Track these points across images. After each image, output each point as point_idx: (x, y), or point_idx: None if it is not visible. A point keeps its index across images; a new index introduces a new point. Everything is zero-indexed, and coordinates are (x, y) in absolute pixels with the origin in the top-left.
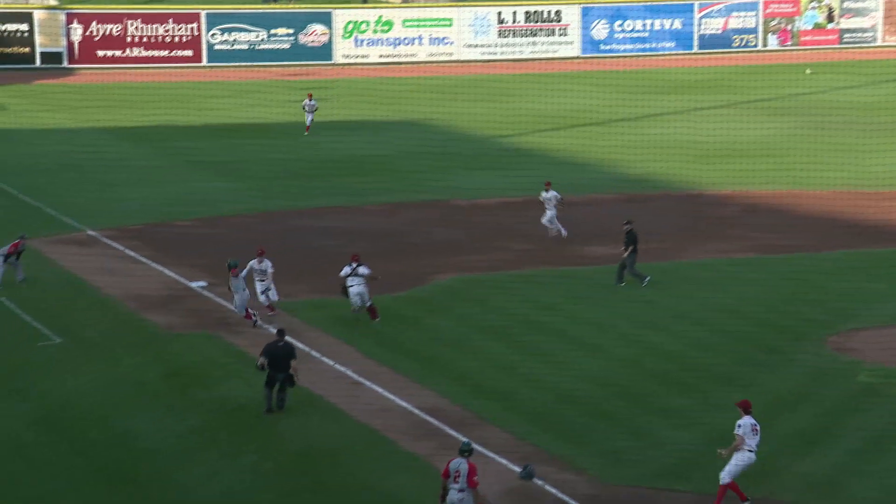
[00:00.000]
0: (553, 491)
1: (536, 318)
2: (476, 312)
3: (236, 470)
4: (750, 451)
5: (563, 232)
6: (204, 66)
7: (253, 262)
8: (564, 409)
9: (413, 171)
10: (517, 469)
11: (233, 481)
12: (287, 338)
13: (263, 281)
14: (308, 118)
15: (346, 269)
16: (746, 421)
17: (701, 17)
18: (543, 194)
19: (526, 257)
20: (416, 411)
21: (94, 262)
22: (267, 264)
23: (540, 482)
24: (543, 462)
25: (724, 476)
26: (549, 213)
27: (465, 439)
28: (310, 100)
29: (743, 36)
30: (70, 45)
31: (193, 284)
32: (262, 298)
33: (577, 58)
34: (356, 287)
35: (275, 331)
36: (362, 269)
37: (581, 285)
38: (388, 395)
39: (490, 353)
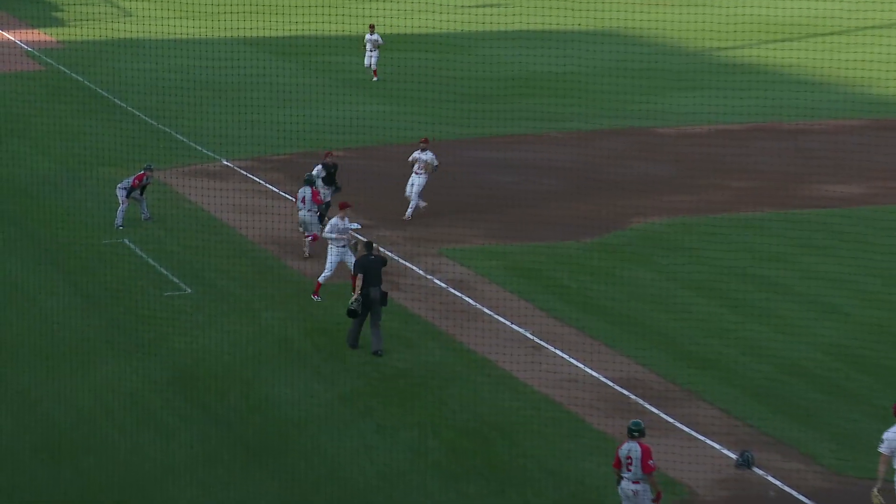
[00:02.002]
0: (776, 482)
1: (758, 270)
2: (683, 263)
3: (394, 446)
4: None
5: (422, 204)
6: None
7: (335, 220)
8: (791, 382)
9: (609, 93)
10: (732, 455)
11: (390, 460)
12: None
13: (342, 239)
14: (371, 58)
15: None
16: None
17: None
18: (417, 154)
19: (746, 197)
20: (609, 382)
21: (230, 198)
22: (350, 225)
23: (760, 472)
24: (764, 447)
25: None
26: (418, 180)
27: (635, 420)
28: (371, 33)
29: None
30: None
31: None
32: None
33: None
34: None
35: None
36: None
37: (814, 232)
38: (575, 361)
39: (699, 313)
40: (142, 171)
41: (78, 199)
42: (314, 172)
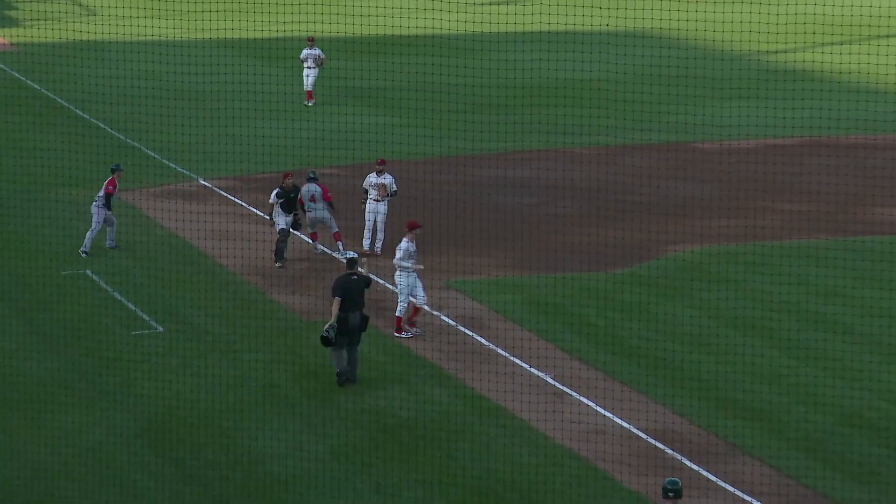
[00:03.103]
0: None
1: (812, 306)
2: (727, 298)
3: None
4: None
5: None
6: None
7: (406, 244)
8: (851, 435)
9: (640, 102)
10: None
11: None
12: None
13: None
14: (308, 78)
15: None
16: None
17: None
18: (373, 178)
19: (799, 222)
20: (641, 434)
21: (208, 223)
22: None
23: None
24: None
25: None
26: (382, 208)
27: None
28: (311, 47)
29: None
30: None
31: (339, 254)
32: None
33: None
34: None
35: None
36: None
37: (877, 263)
38: (602, 410)
39: (746, 356)
40: (111, 176)
41: (32, 224)
42: (271, 199)
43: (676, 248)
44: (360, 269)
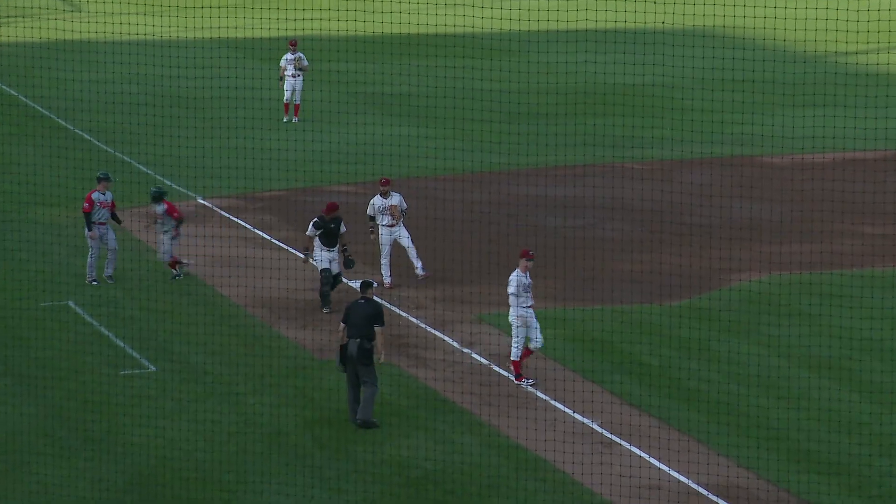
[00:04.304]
0: None
1: None
2: (800, 334)
3: None
4: None
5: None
6: None
7: (519, 275)
8: None
9: (701, 111)
10: None
11: None
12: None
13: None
14: (287, 89)
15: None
16: None
17: None
18: (380, 201)
19: (883, 247)
20: (702, 490)
21: (207, 248)
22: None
23: None
24: None
25: None
26: (405, 231)
27: None
28: (293, 51)
29: None
30: None
31: (354, 283)
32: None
33: None
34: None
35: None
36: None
37: None
38: (657, 462)
39: (822, 400)
40: (100, 182)
41: (7, 248)
42: (308, 231)
43: (742, 277)
44: (372, 290)
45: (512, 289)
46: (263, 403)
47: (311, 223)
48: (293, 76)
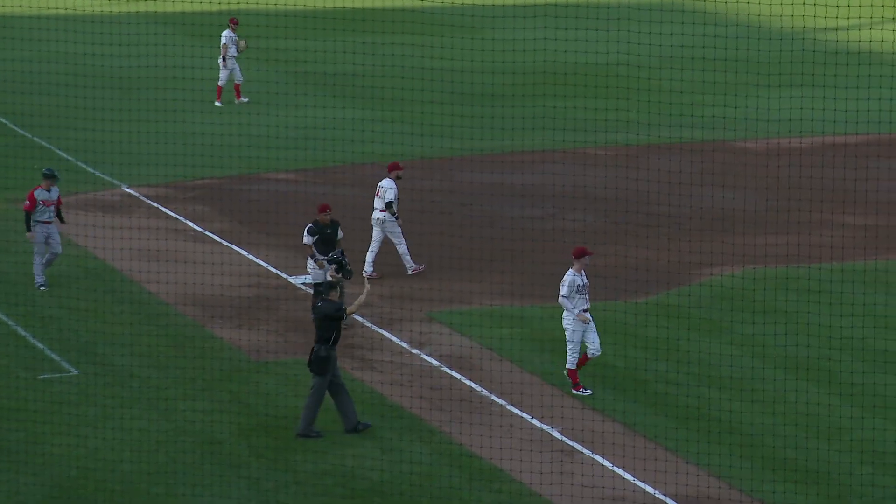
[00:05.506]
0: None
1: (882, 343)
2: (776, 333)
3: None
4: None
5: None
6: None
7: (572, 276)
8: None
9: (670, 91)
10: None
11: None
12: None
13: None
14: (223, 72)
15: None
16: None
17: None
18: (386, 184)
19: (865, 239)
20: (670, 501)
21: (134, 241)
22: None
23: None
24: None
25: None
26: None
27: None
28: (232, 30)
29: None
30: None
31: (296, 280)
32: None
33: None
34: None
35: None
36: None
37: None
38: (622, 472)
39: (799, 404)
40: (46, 178)
41: None
42: (305, 240)
43: (714, 272)
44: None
45: (564, 291)
46: (195, 409)
47: (306, 230)
48: (232, 56)
